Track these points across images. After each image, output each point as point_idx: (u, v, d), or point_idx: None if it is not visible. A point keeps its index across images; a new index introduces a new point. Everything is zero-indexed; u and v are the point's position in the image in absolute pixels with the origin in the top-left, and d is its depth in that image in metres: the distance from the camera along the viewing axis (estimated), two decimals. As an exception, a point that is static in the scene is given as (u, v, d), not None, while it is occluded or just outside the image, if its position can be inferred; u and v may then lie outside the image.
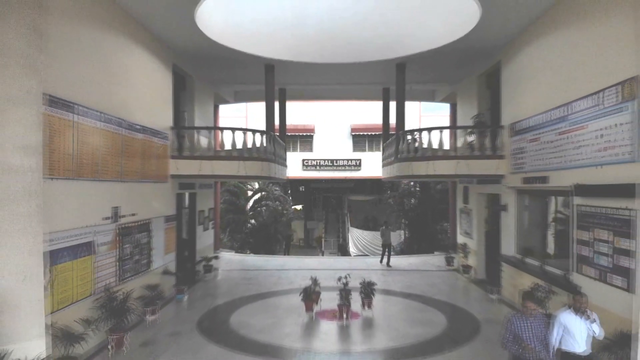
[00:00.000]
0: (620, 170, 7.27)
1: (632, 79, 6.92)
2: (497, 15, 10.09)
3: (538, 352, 5.61)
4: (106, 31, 9.09)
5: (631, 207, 6.95)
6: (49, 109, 7.19)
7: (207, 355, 8.36)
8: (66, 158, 7.64)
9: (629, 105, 7.05)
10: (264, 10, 11.81)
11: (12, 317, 6.00)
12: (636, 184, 6.55)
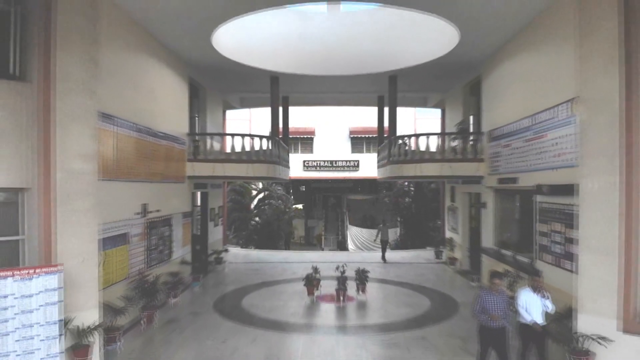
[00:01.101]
0: (568, 172, 8.76)
1: (574, 99, 8.43)
2: (474, 37, 11.60)
3: (500, 321, 7.00)
4: (137, 54, 10.60)
5: (575, 203, 8.45)
6: (98, 123, 8.70)
7: (225, 329, 9.89)
8: (109, 163, 9.16)
9: (574, 119, 8.56)
10: (271, 29, 13.30)
11: (74, 292, 7.51)
12: (575, 185, 8.03)
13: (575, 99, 8.36)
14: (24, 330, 6.89)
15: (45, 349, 7.02)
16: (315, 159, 31.84)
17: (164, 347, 8.86)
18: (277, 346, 8.97)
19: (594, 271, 7.68)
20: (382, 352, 8.64)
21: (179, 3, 9.62)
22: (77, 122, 7.58)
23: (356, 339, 9.42)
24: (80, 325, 7.50)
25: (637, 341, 7.24)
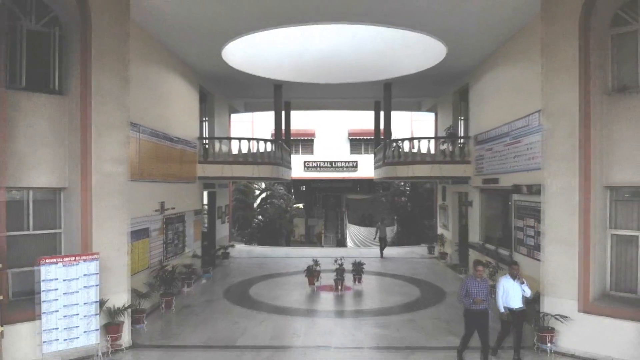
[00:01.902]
0: (539, 174, 9.92)
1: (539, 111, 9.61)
2: (459, 51, 12.78)
3: (482, 303, 8.04)
4: (156, 67, 11.79)
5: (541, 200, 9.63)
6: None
7: (235, 314, 11.09)
8: (133, 165, 10.33)
9: (542, 127, 9.75)
10: (275, 41, 14.46)
11: (108, 277, 8.71)
12: (541, 185, 9.22)
13: (539, 111, 9.55)
14: (67, 309, 8.09)
15: (84, 326, 8.22)
16: (316, 159, 33.05)
17: (182, 328, 10.05)
18: (282, 327, 10.17)
19: (556, 259, 8.89)
20: (375, 332, 9.84)
21: (194, 23, 10.78)
22: (110, 131, 8.78)
23: (352, 321, 10.63)
24: (113, 307, 8.71)
25: (593, 319, 8.44)
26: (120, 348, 8.74)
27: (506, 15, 10.21)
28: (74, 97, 8.69)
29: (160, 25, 10.78)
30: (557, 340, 8.68)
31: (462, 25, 10.85)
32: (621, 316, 8.14)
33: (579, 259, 8.64)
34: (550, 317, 8.66)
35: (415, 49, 13.82)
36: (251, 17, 10.48)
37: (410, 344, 9.11)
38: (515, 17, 10.20)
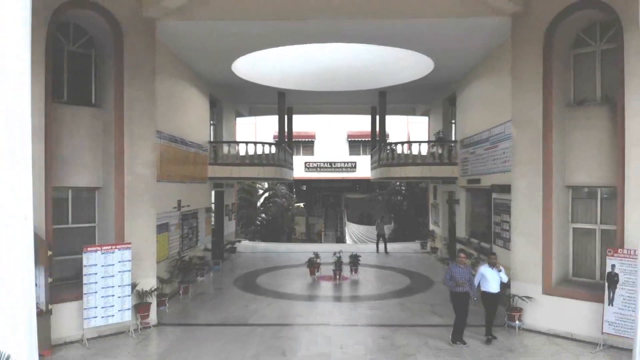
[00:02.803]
0: (509, 175, 11.33)
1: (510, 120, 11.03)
2: (445, 65, 14.21)
3: (464, 286, 9.33)
4: (175, 79, 13.19)
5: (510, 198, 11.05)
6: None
7: (245, 299, 12.52)
8: (157, 167, 11.75)
9: (511, 135, 11.17)
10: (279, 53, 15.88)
11: (138, 264, 10.14)
12: (511, 185, 10.65)
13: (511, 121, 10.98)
14: (105, 290, 9.51)
15: (119, 305, 9.64)
16: (316, 160, 34.52)
17: (200, 310, 11.49)
18: (287, 309, 11.61)
19: (523, 249, 10.34)
20: (367, 312, 11.28)
21: (209, 42, 12.19)
22: (141, 139, 10.23)
23: (348, 304, 12.08)
24: (142, 289, 10.15)
25: (554, 300, 9.85)
26: (148, 325, 10.16)
27: (483, 38, 11.65)
28: (109, 109, 10.13)
29: (179, 43, 12.17)
30: (524, 318, 10.11)
31: (446, 45, 12.29)
32: (577, 297, 9.55)
33: (542, 249, 10.07)
34: (518, 298, 10.09)
35: (407, 62, 15.23)
36: (258, 37, 11.91)
37: (398, 322, 10.55)
38: (491, 39, 11.63)
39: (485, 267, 9.66)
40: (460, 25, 10.86)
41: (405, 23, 10.79)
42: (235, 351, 8.74)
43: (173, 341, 9.43)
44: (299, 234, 38.83)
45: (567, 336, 9.46)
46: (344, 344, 9.21)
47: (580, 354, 8.66)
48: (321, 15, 10.44)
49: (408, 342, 9.26)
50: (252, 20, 10.64)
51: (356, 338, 9.56)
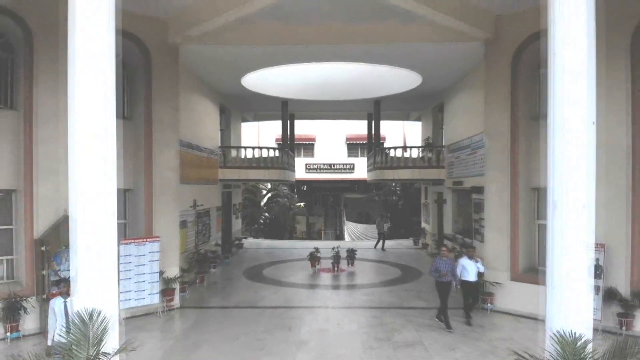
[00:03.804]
0: (483, 178, 13.03)
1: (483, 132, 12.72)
2: (432, 80, 15.89)
3: (447, 276, 10.94)
4: (191, 93, 14.88)
5: (484, 198, 12.73)
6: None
7: (254, 287, 14.22)
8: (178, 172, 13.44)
9: (484, 143, 12.86)
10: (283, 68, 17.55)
11: (164, 255, 11.82)
12: (484, 186, 12.34)
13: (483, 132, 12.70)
14: (138, 277, 11.19)
15: (149, 290, 11.32)
16: (316, 162, 36.24)
17: (215, 296, 13.19)
18: (291, 295, 13.30)
19: (494, 242, 12.04)
20: (361, 298, 12.98)
21: (222, 61, 13.87)
22: (167, 147, 11.93)
23: (345, 291, 13.79)
24: (167, 277, 11.83)
25: (520, 285, 11.53)
26: (173, 308, 11.85)
27: (462, 58, 13.34)
28: (139, 121, 11.83)
29: (196, 63, 13.85)
30: (495, 302, 11.80)
31: (430, 63, 13.98)
32: (538, 283, 11.19)
33: (510, 242, 11.76)
34: (489, 284, 11.78)
35: (398, 76, 16.89)
36: (264, 57, 13.59)
37: (387, 305, 12.25)
38: (469, 59, 13.30)
39: (465, 259, 11.26)
40: (441, 48, 12.54)
41: (392, 47, 12.47)
42: (248, 328, 10.42)
43: (195, 320, 11.11)
44: (299, 232, 40.49)
45: (529, 316, 11.09)
46: (340, 322, 10.90)
47: (538, 330, 10.32)
48: (319, 41, 12.12)
49: (395, 320, 10.95)
50: (259, 45, 12.31)
51: (351, 317, 11.25)
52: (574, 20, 5.64)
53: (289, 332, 10.12)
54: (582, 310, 5.54)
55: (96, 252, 5.69)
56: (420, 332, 10.14)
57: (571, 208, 5.59)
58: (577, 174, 5.59)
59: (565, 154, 5.65)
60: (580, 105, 5.61)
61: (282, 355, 8.77)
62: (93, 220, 5.69)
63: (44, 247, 9.95)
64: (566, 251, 5.58)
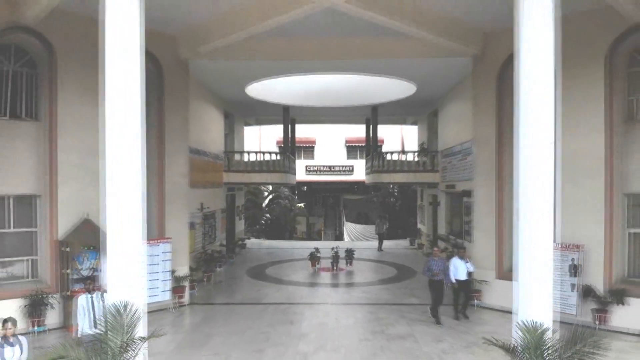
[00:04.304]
0: (472, 183, 13.90)
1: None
2: (426, 89, 16.79)
3: (439, 275, 11.79)
4: (199, 102, 15.76)
5: (473, 201, 13.60)
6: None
7: (257, 285, 15.11)
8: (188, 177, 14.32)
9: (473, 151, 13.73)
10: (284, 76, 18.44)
11: (175, 254, 12.67)
12: (472, 190, 13.22)
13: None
14: (151, 275, 12.05)
15: (162, 287, 12.20)
16: (316, 164, 37.19)
17: (221, 294, 14.09)
18: (293, 293, 14.19)
19: (482, 243, 12.93)
20: (359, 295, 13.87)
21: (228, 73, 14.77)
22: (177, 154, 12.82)
23: (343, 289, 14.70)
24: (178, 275, 12.71)
25: (504, 283, 12.29)
26: (183, 304, 12.74)
27: (453, 71, 14.28)
28: (153, 130, 12.68)
29: (204, 75, 14.75)
30: (482, 298, 12.68)
31: (424, 75, 14.90)
32: (523, 280, 12.10)
33: (496, 243, 12.64)
34: (477, 282, 12.66)
35: (394, 84, 17.79)
36: (267, 69, 14.50)
37: (382, 302, 13.15)
38: (459, 72, 14.21)
39: (456, 259, 12.11)
40: (432, 62, 13.44)
41: (388, 60, 13.37)
42: (254, 322, 11.30)
43: (204, 316, 12.00)
44: (300, 232, 41.32)
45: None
46: (338, 317, 11.79)
47: (520, 323, 11.20)
48: (320, 56, 13.01)
49: (389, 315, 11.84)
50: (264, 59, 13.21)
51: (348, 313, 12.15)
52: (538, 51, 6.55)
53: (291, 326, 11.00)
54: (544, 302, 6.45)
55: (126, 252, 6.57)
56: (412, 326, 11.03)
57: (534, 214, 6.49)
58: (540, 185, 6.48)
59: (529, 169, 6.54)
60: (543, 125, 6.50)
61: (285, 346, 9.65)
62: (124, 223, 6.56)
63: (66, 247, 10.83)
64: (531, 251, 6.49)
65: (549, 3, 6.61)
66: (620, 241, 11.00)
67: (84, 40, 11.04)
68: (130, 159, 6.65)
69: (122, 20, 6.60)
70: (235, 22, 11.04)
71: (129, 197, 6.62)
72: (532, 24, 6.62)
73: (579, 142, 11.07)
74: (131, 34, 6.65)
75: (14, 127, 10.86)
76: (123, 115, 6.63)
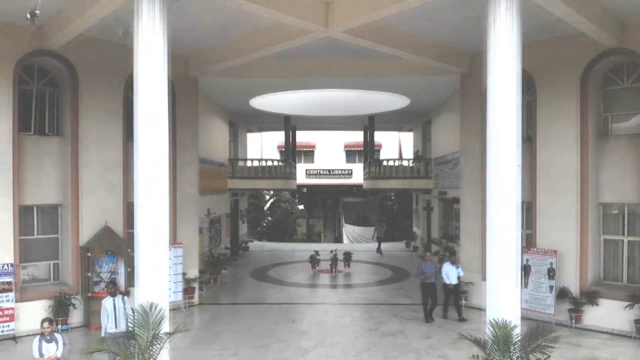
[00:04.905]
0: (460, 190, 14.92)
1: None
2: (418, 102, 17.84)
3: (431, 278, 12.77)
4: (207, 115, 16.77)
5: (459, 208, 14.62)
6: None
7: (261, 286, 16.16)
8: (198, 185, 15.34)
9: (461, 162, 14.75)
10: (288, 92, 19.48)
11: (187, 259, 13.70)
12: (460, 197, 14.26)
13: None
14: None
15: (174, 288, 13.18)
16: (316, 167, 38.34)
17: (228, 294, 15.14)
18: (294, 293, 15.24)
19: (468, 247, 13.97)
20: (356, 295, 14.92)
21: (234, 89, 15.82)
22: (188, 165, 13.88)
23: (341, 290, 15.77)
24: (188, 277, 13.74)
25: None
26: (193, 304, 13.77)
27: (443, 87, 15.33)
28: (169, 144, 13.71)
29: (212, 90, 15.81)
30: (469, 299, 13.72)
31: (416, 90, 15.98)
32: (507, 282, 13.15)
33: (481, 247, 13.62)
34: (464, 283, 13.69)
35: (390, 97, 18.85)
36: (271, 85, 15.57)
37: (377, 302, 14.21)
38: (449, 88, 15.28)
39: (448, 264, 13.02)
40: (424, 79, 14.50)
41: (382, 78, 14.44)
42: (259, 321, 12.33)
43: (212, 315, 13.04)
44: (300, 234, 42.30)
45: (498, 310, 13.03)
46: (336, 315, 12.83)
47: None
48: (320, 74, 14.06)
49: (383, 314, 12.88)
50: (268, 77, 14.27)
51: (345, 312, 13.20)
52: (504, 84, 7.60)
53: (293, 324, 12.04)
54: (511, 302, 7.48)
55: (153, 256, 7.62)
56: (403, 324, 12.07)
57: (501, 226, 7.55)
58: (505, 202, 7.53)
59: (497, 188, 7.59)
60: (509, 150, 7.55)
61: (288, 342, 10.69)
62: (152, 231, 7.60)
63: (88, 253, 11.86)
64: (499, 256, 7.54)
65: (515, 43, 7.62)
66: (594, 247, 12.03)
67: (103, 62, 12.14)
68: (158, 175, 7.70)
69: (150, 50, 7.61)
70: (242, 47, 12.07)
71: (156, 208, 7.66)
72: (499, 63, 7.65)
73: (556, 157, 12.14)
74: (158, 62, 7.66)
75: (40, 142, 11.90)
76: (151, 135, 7.68)
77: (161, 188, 7.75)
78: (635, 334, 10.82)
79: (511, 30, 7.58)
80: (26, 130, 11.76)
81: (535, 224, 12.52)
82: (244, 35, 11.75)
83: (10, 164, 11.02)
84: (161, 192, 7.74)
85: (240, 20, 10.53)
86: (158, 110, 7.73)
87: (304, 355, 9.86)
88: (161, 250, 7.74)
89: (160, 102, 7.74)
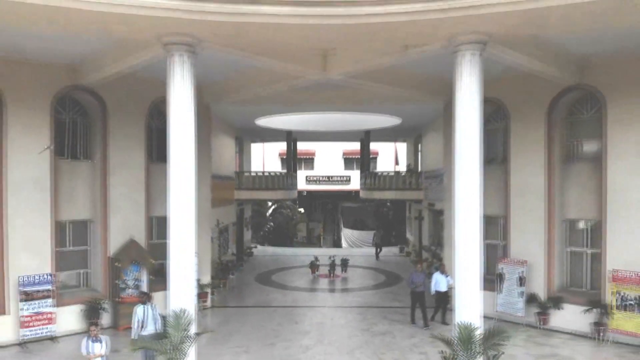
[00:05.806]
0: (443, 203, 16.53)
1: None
2: (409, 121, 19.51)
3: (420, 287, 14.33)
4: (217, 133, 18.42)
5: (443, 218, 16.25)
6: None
7: (266, 290, 17.82)
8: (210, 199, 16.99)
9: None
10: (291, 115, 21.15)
11: (201, 266, 15.32)
12: (444, 209, 15.89)
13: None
14: (180, 283, 14.74)
15: (188, 293, 14.86)
16: (316, 174, 40.03)
17: (236, 298, 16.81)
18: (297, 297, 16.91)
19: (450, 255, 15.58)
20: (352, 299, 16.60)
21: (240, 111, 17.48)
22: (202, 182, 15.44)
23: (339, 294, 17.44)
24: (202, 283, 15.38)
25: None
26: (206, 307, 15.42)
27: (430, 110, 16.97)
28: (180, 164, 15.35)
29: (222, 112, 17.48)
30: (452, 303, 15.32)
31: (406, 113, 17.61)
32: (487, 289, 14.75)
33: (464, 256, 15.30)
34: (453, 289, 15.29)
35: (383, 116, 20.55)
36: (275, 109, 17.23)
37: (370, 305, 15.88)
38: (434, 111, 16.94)
39: (438, 273, 14.48)
40: (412, 104, 16.19)
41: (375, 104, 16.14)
42: (265, 321, 13.99)
43: (224, 317, 14.68)
44: (300, 237, 43.92)
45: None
46: (334, 317, 14.49)
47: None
48: (319, 102, 15.74)
49: (374, 316, 14.54)
50: (270, 104, 15.95)
51: (341, 314, 14.86)
52: (469, 127, 9.33)
53: (296, 325, 13.71)
54: (474, 306, 9.14)
55: (182, 270, 9.28)
56: (392, 325, 13.73)
57: (467, 244, 9.21)
58: (469, 223, 9.20)
59: (462, 211, 9.26)
60: (471, 177, 9.23)
61: (292, 341, 12.35)
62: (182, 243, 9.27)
63: (117, 263, 13.51)
64: (464, 266, 9.20)
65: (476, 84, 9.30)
66: (560, 258, 13.67)
67: (129, 94, 13.77)
68: (187, 192, 9.39)
69: (180, 94, 9.45)
70: (250, 82, 13.76)
71: (186, 227, 9.36)
72: (464, 109, 9.40)
73: (527, 178, 13.79)
74: (186, 97, 9.45)
75: (74, 166, 13.53)
76: (181, 158, 9.40)
77: (189, 210, 9.43)
78: (592, 335, 12.45)
79: (473, 83, 9.38)
80: (61, 155, 13.41)
81: (510, 237, 14.16)
82: (249, 72, 13.36)
83: (49, 185, 12.67)
84: (189, 215, 9.43)
85: (249, 62, 12.20)
86: (186, 142, 9.50)
87: (305, 352, 11.51)
88: (189, 263, 9.40)
89: (188, 134, 9.54)
